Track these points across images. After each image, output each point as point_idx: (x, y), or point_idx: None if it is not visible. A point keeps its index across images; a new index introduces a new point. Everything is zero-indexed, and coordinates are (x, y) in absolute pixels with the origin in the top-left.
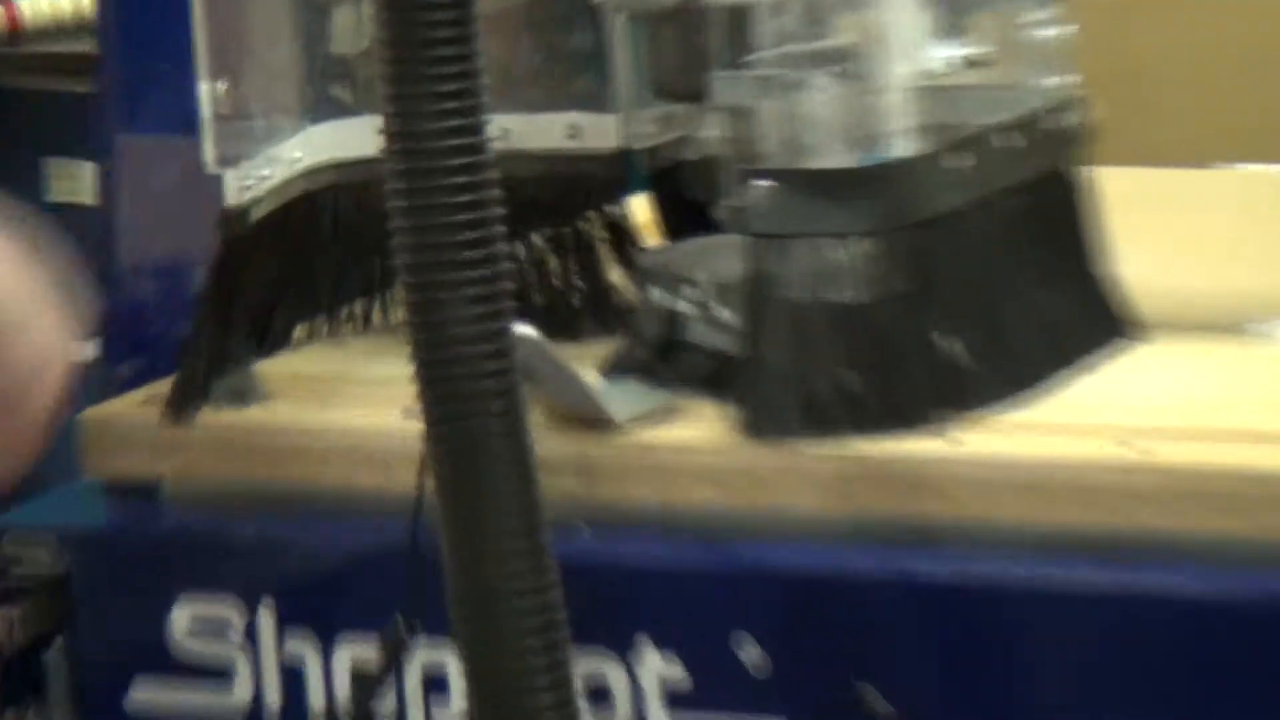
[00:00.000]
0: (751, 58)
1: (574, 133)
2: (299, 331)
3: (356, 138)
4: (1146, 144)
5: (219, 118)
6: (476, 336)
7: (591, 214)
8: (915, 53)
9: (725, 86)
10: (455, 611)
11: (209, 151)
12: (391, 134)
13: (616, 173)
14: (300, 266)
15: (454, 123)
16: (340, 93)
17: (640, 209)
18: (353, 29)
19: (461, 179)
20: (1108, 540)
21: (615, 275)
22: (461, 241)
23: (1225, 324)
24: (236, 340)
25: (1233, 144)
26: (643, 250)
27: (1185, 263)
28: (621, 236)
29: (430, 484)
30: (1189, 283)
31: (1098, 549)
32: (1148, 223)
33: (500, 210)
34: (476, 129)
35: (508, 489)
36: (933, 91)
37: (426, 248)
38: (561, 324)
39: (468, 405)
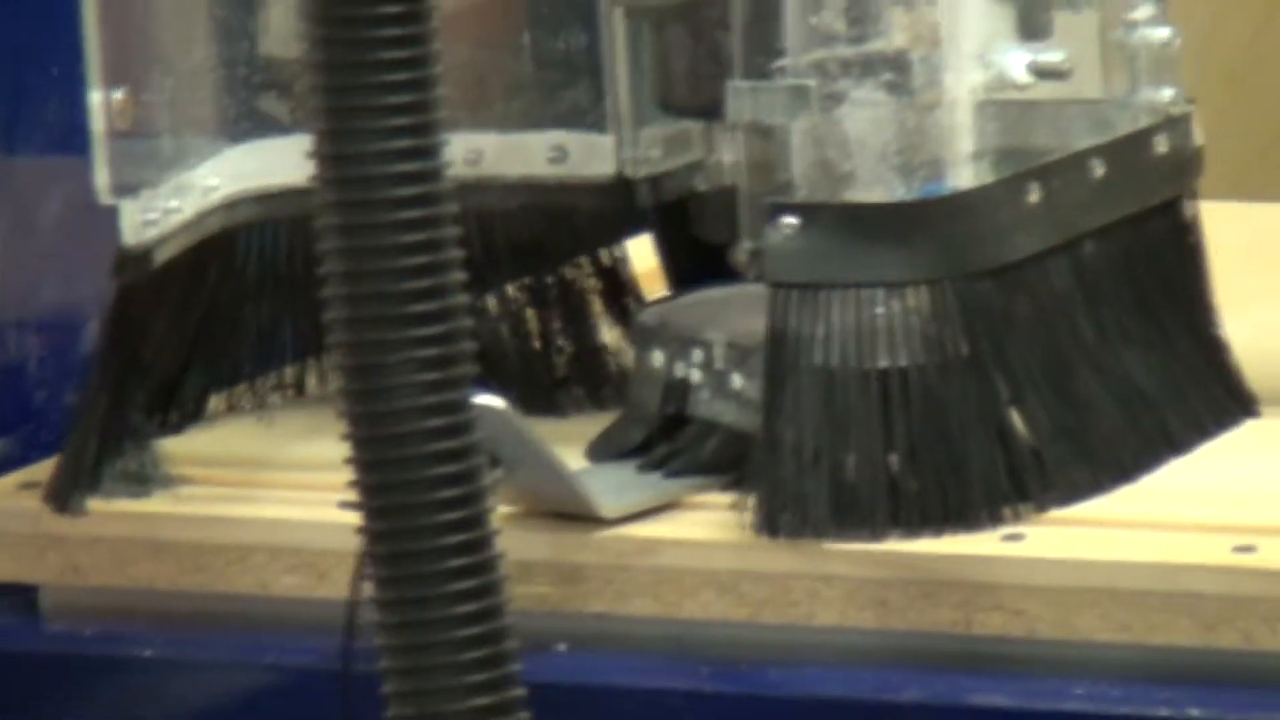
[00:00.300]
0: (779, 64)
1: (560, 156)
2: (214, 402)
3: (288, 161)
4: (1261, 174)
5: (114, 135)
6: (426, 409)
7: (580, 258)
8: (983, 59)
9: (746, 99)
10: None
11: (102, 177)
12: (322, 157)
13: (612, 207)
14: (216, 322)
15: (402, 143)
16: (269, 105)
17: (640, 252)
18: (288, 24)
19: (411, 213)
20: (1212, 665)
21: (608, 335)
22: (409, 291)
23: None
24: (135, 412)
25: None
26: (642, 304)
27: None
28: (617, 287)
29: (367, 592)
30: None
31: (1199, 675)
32: (1267, 273)
33: (458, 253)
34: (430, 151)
35: (464, 599)
36: (1004, 108)
37: (365, 299)
38: (541, 395)
39: (414, 495)
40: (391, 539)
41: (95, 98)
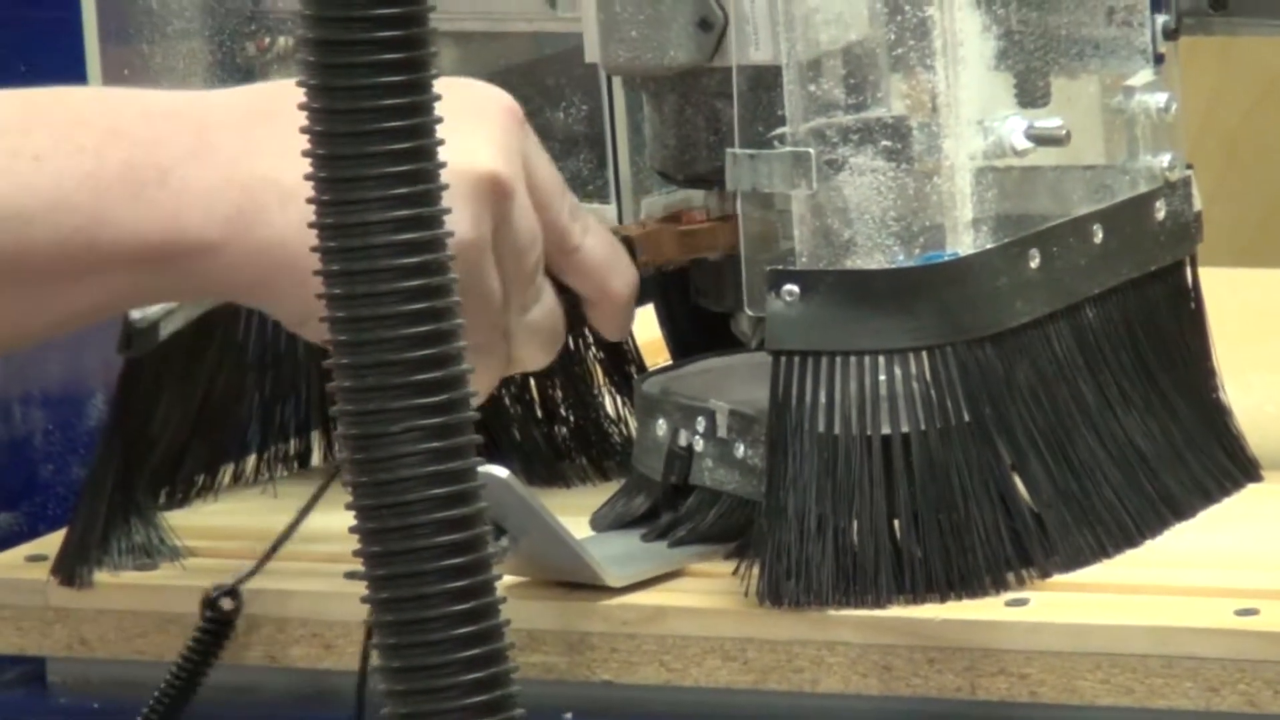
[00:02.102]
0: (778, 132)
1: None
2: (220, 475)
3: None
4: (1261, 241)
5: None
6: (431, 479)
7: (582, 328)
8: (983, 126)
9: (745, 167)
10: None
11: None
12: (323, 226)
13: None
14: (220, 396)
15: (403, 212)
16: None
17: (642, 322)
18: None
19: (415, 281)
20: None
21: (611, 404)
22: (414, 360)
23: None
24: (144, 485)
25: None
26: (645, 373)
27: None
28: (619, 356)
29: (374, 664)
30: None
31: None
32: (1267, 340)
33: (460, 321)
34: (432, 220)
35: (470, 668)
36: (1005, 174)
37: (367, 368)
38: (544, 464)
39: (419, 565)
40: (396, 608)
41: None
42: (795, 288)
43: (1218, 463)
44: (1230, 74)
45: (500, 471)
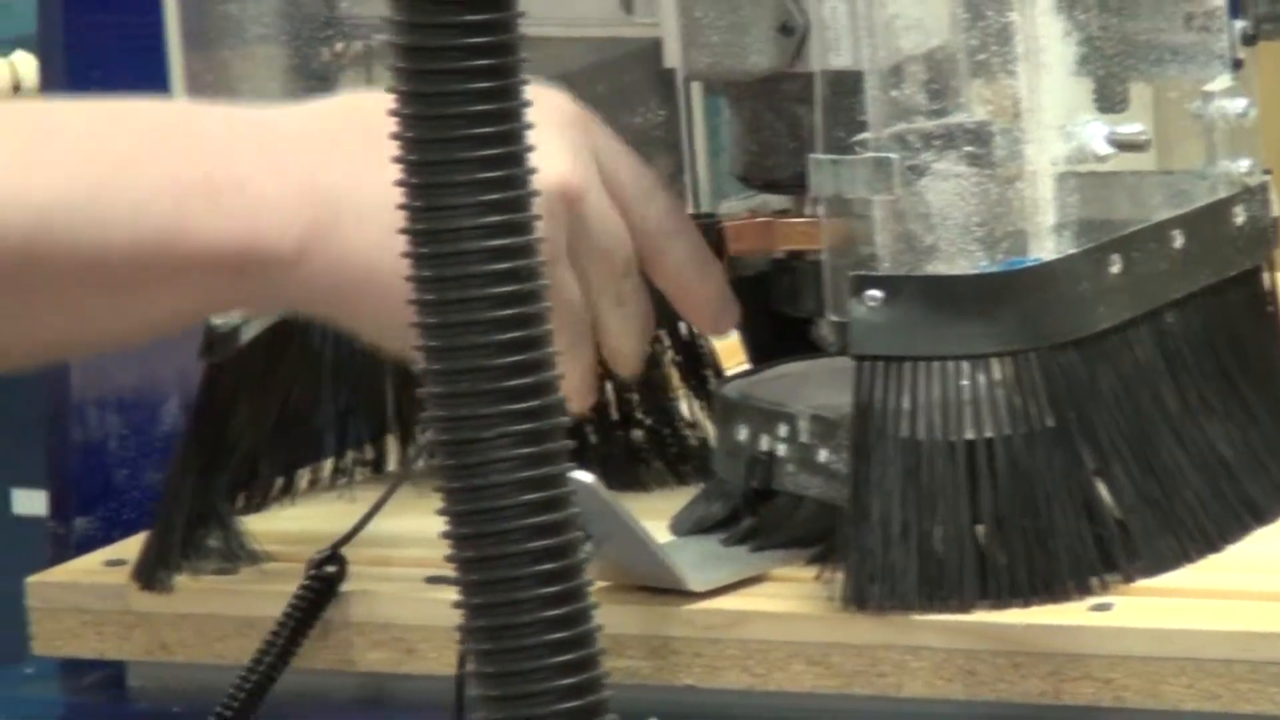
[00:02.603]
0: (861, 138)
1: None
2: (297, 480)
3: None
4: None
5: None
6: (524, 484)
7: (660, 331)
8: (1064, 131)
9: (827, 173)
10: None
11: None
12: (414, 232)
13: None
14: (299, 398)
15: (495, 218)
16: None
17: None
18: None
19: (507, 287)
20: None
21: (689, 408)
22: (506, 366)
23: None
24: (222, 490)
25: None
26: (723, 378)
27: None
28: (696, 360)
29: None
30: None
31: None
32: None
33: (550, 327)
34: (525, 225)
35: (564, 677)
36: (1086, 179)
37: (460, 374)
38: (621, 469)
39: (513, 570)
40: (490, 613)
41: None
42: (879, 293)
43: None
44: None
45: (585, 476)
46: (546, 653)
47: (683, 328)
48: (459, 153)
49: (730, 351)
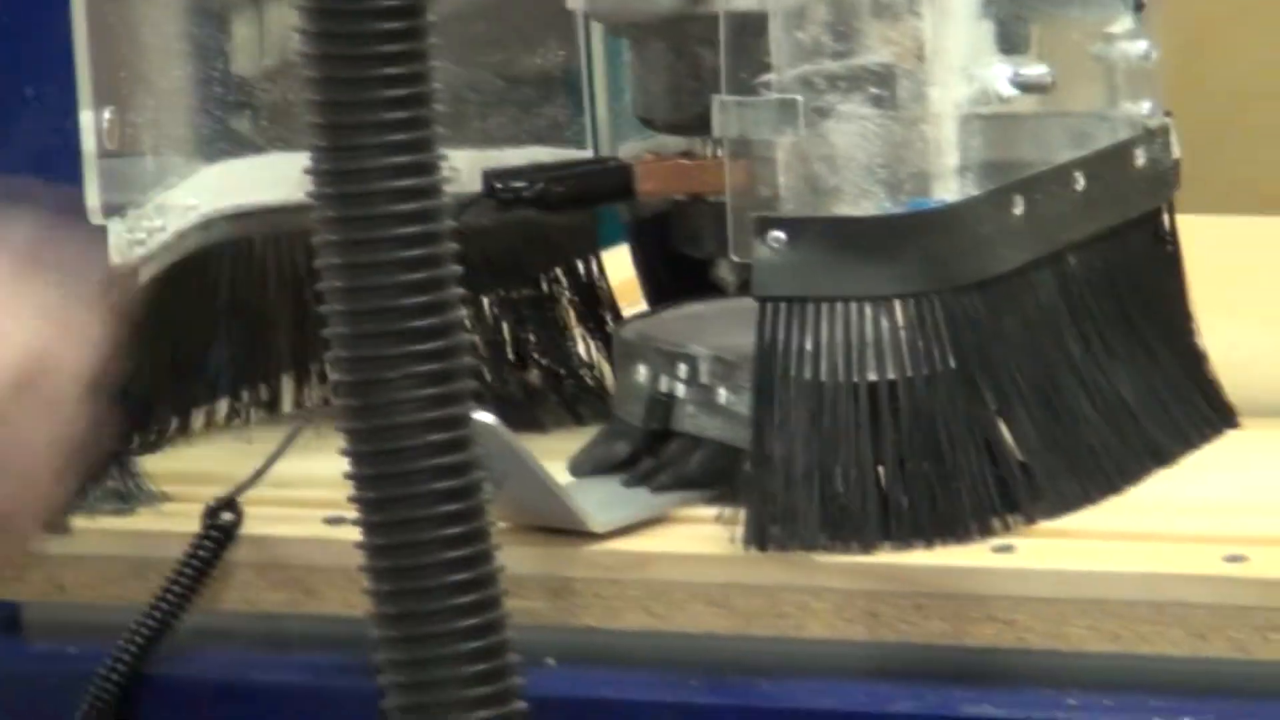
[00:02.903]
0: (765, 79)
1: None
2: (192, 420)
3: (262, 181)
4: (1231, 188)
5: (105, 155)
6: (429, 425)
7: (557, 272)
8: (968, 73)
9: (732, 114)
10: None
11: (93, 198)
12: (322, 173)
13: (588, 221)
14: (193, 339)
15: (403, 159)
16: (240, 125)
17: (616, 265)
18: (253, 43)
19: (413, 228)
20: (1205, 674)
21: (586, 349)
22: (411, 306)
23: None
24: (119, 429)
25: None
26: (622, 319)
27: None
28: (593, 300)
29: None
30: None
31: (1192, 685)
32: (1233, 286)
33: (457, 269)
34: (431, 166)
35: (465, 616)
36: (989, 121)
37: (366, 314)
38: (518, 409)
39: (416, 510)
40: (392, 553)
41: (86, 117)
42: (782, 234)
43: (1198, 409)
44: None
45: (486, 417)
46: (449, 594)
47: (580, 266)
48: (366, 93)
49: (626, 291)
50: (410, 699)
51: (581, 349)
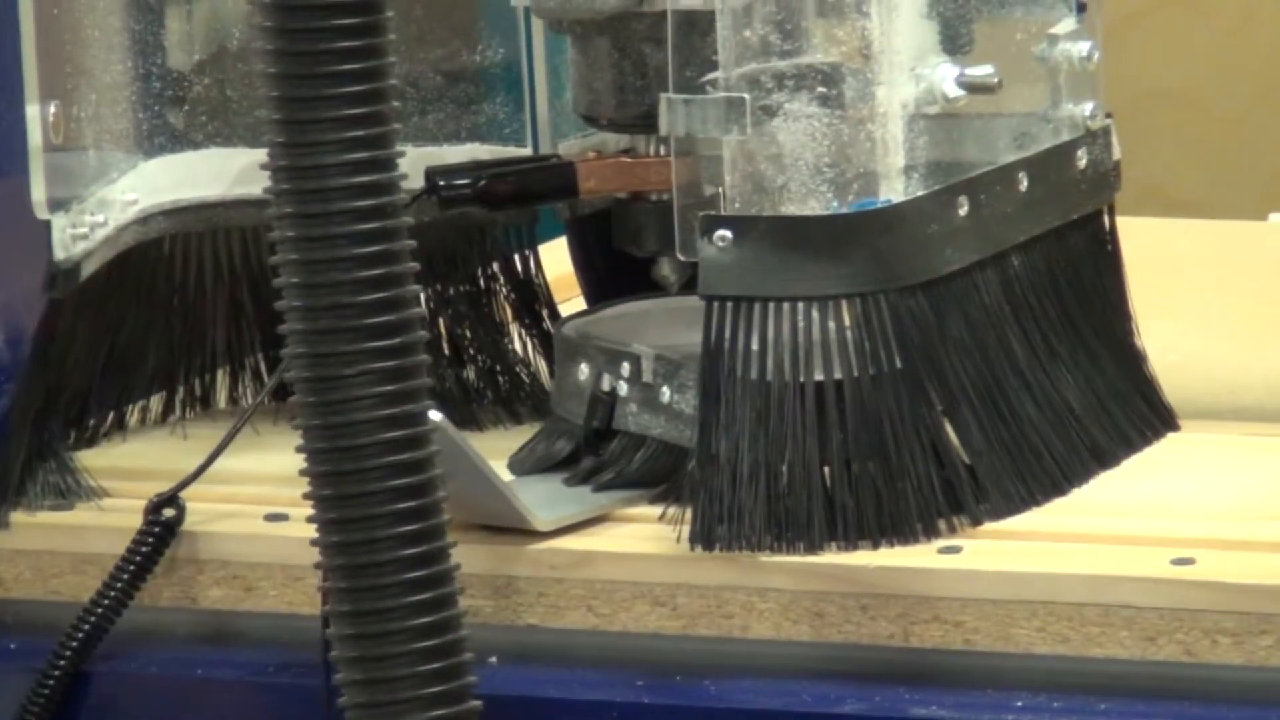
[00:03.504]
0: (711, 77)
1: None
2: (128, 415)
3: (200, 176)
4: (1160, 192)
5: (50, 149)
6: (385, 422)
7: (494, 268)
8: (917, 73)
9: (679, 112)
10: None
11: (38, 192)
12: (279, 167)
13: (527, 218)
14: (128, 336)
15: (360, 155)
16: (177, 120)
17: (550, 258)
18: (187, 37)
19: (370, 224)
20: (1152, 677)
21: (522, 346)
22: (368, 303)
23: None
24: (58, 425)
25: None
26: (563, 318)
27: (1220, 336)
28: (530, 297)
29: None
30: (1227, 359)
31: (1140, 688)
32: (1172, 287)
33: (414, 265)
34: (388, 163)
35: (421, 616)
36: (934, 121)
37: (322, 310)
38: (454, 406)
39: (372, 508)
40: (347, 551)
41: (32, 112)
42: (728, 233)
43: (1139, 412)
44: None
45: (433, 414)
46: (403, 591)
47: (517, 263)
48: (325, 89)
49: (561, 287)
50: (366, 696)
51: (518, 346)
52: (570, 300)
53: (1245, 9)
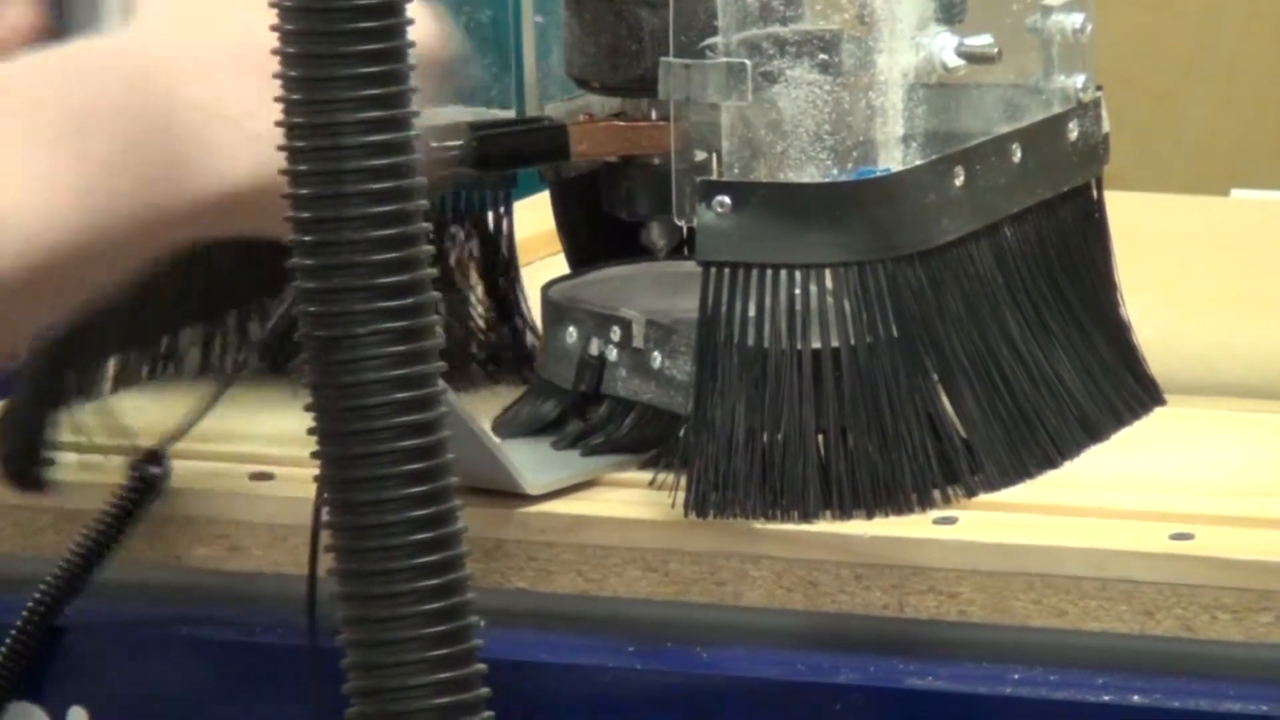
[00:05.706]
0: (710, 42)
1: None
2: (131, 374)
3: None
4: (1152, 167)
5: None
6: (396, 382)
7: (456, 229)
8: (916, 42)
9: (679, 77)
10: None
11: None
12: (294, 125)
13: (503, 179)
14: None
15: (375, 114)
16: None
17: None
18: None
19: (383, 184)
20: (1146, 653)
21: (499, 310)
22: (380, 263)
23: (1260, 385)
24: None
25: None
26: (550, 280)
27: (1191, 313)
28: (506, 260)
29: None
30: (1199, 336)
31: (1138, 662)
32: (1137, 263)
33: (428, 225)
34: (403, 121)
35: (427, 576)
36: (933, 91)
37: (334, 270)
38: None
39: (380, 468)
40: (355, 511)
41: None
42: (727, 199)
43: (1126, 386)
44: None
45: None
46: (411, 553)
47: (490, 224)
48: (340, 47)
49: (528, 247)
50: (370, 657)
51: (489, 307)
52: (532, 264)
53: None
